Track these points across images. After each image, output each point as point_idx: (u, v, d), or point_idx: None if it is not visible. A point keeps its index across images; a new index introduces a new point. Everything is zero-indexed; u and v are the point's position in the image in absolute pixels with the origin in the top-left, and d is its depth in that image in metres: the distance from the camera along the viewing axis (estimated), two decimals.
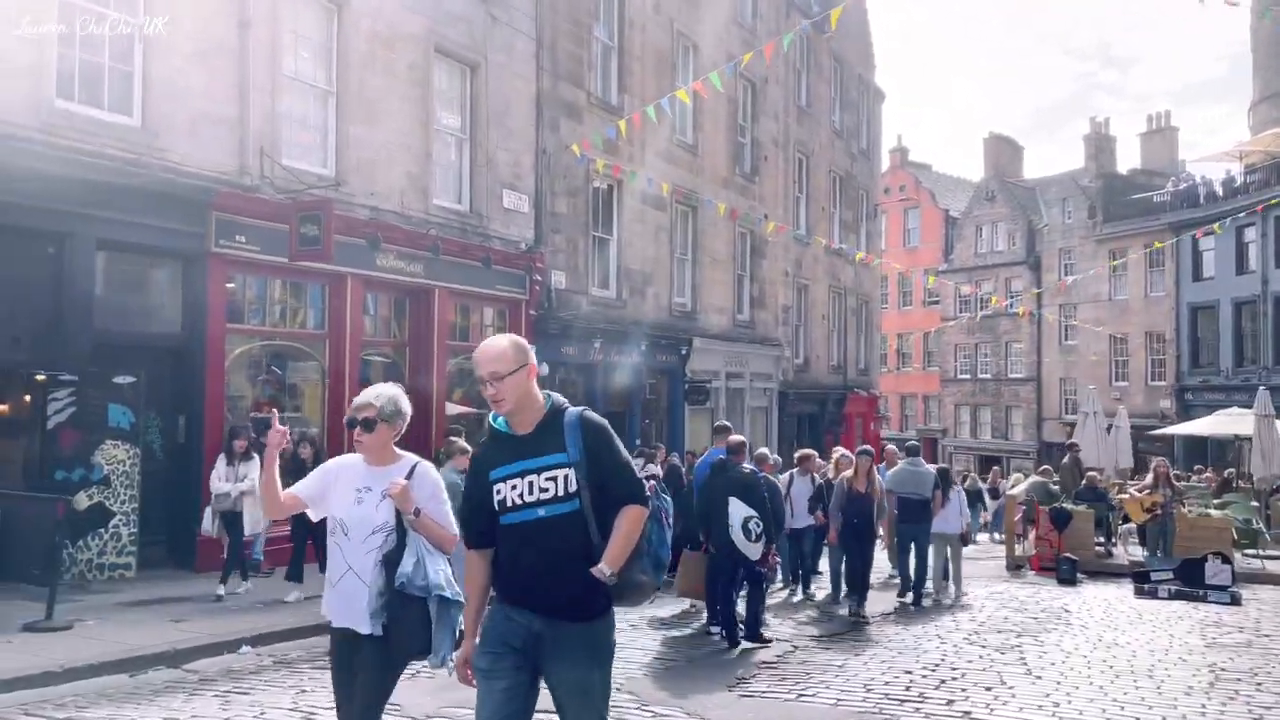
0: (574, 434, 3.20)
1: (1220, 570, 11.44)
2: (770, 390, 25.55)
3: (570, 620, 3.10)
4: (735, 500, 8.01)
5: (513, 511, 3.18)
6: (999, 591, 12.03)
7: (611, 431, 3.29)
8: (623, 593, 3.13)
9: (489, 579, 3.27)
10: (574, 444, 3.18)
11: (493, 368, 3.24)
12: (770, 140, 25.50)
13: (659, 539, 3.29)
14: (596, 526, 3.11)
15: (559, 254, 17.10)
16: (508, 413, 3.26)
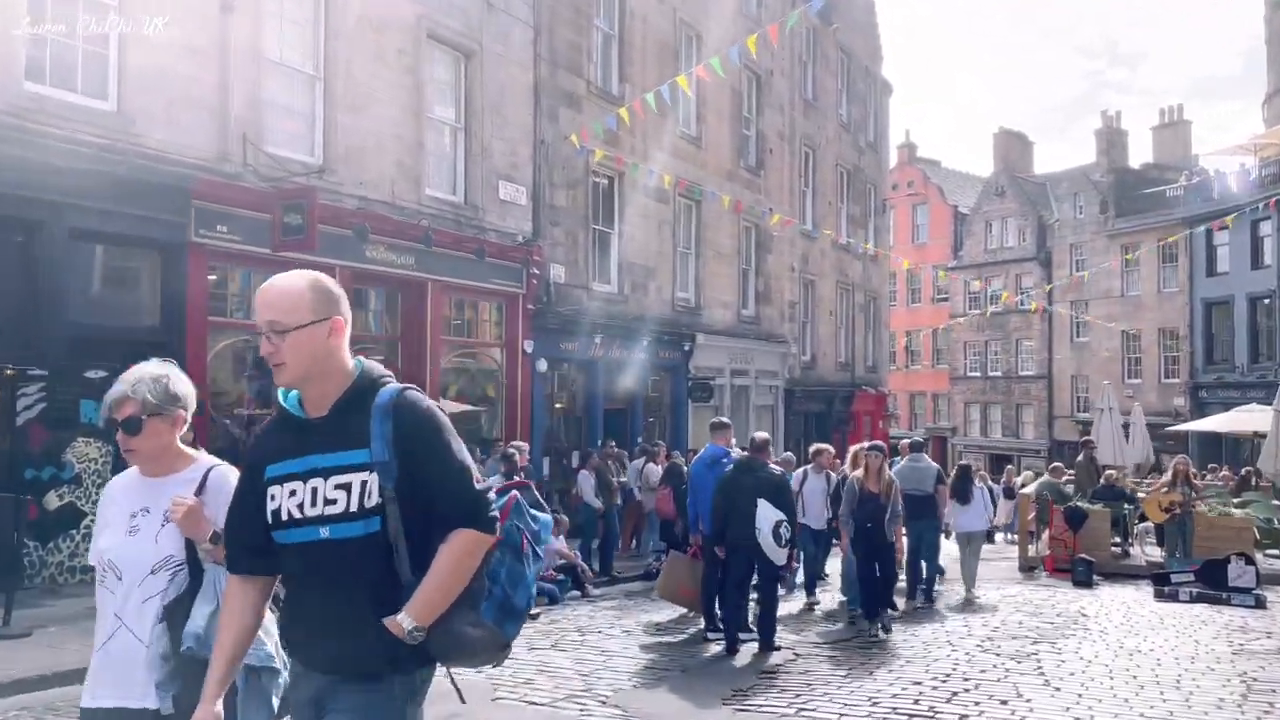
0: (383, 422, 2.24)
1: (1244, 572, 10.94)
2: (776, 388, 25.08)
3: (353, 684, 2.24)
4: (765, 503, 7.62)
5: (290, 528, 2.28)
6: (1012, 594, 11.55)
7: (442, 420, 2.34)
8: (446, 651, 2.26)
9: (253, 619, 2.38)
10: (381, 437, 2.23)
11: (273, 315, 2.30)
12: (775, 133, 25.03)
13: (513, 577, 2.32)
14: (409, 557, 2.22)
15: (558, 247, 16.66)
16: (290, 383, 2.33)
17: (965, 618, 9.68)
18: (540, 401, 16.24)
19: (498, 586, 2.28)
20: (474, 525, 2.23)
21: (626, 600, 10.79)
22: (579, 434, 17.59)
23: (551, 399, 17.19)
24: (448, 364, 14.78)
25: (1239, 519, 13.00)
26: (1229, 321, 34.45)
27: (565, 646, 7.70)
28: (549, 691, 6.23)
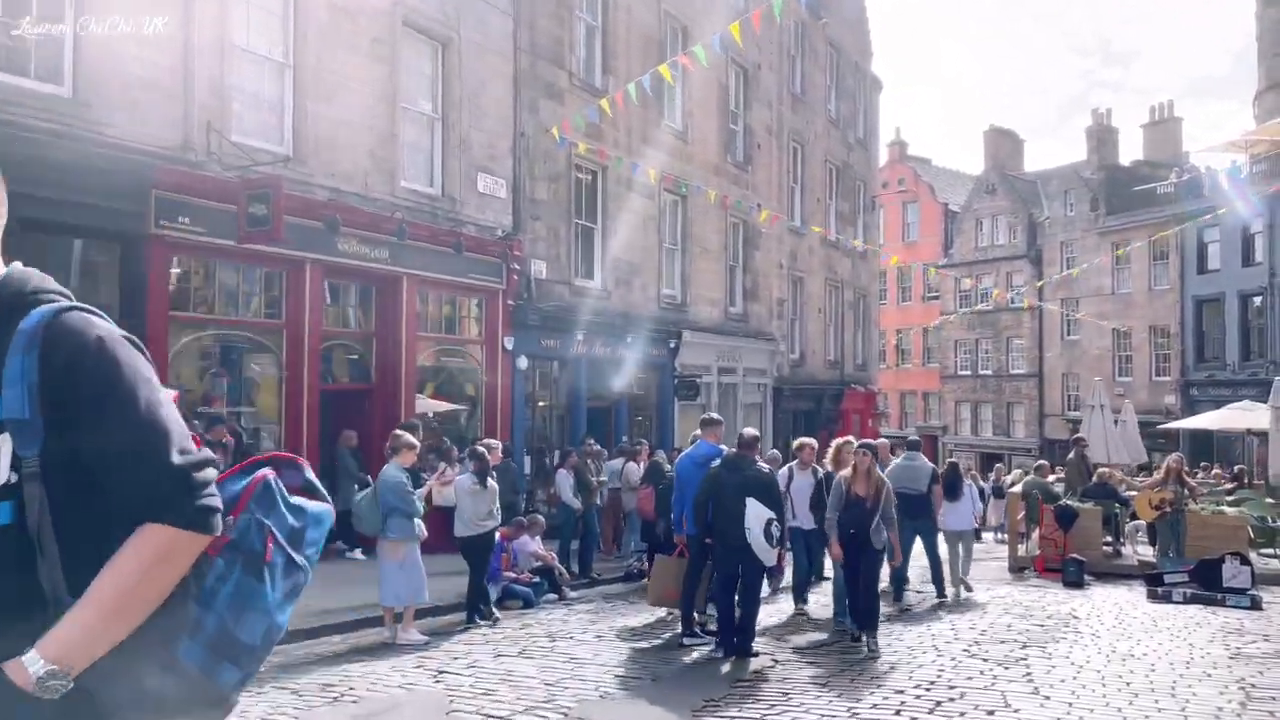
0: (25, 358, 1.47)
1: (1239, 572, 10.64)
2: (764, 385, 24.77)
3: None
4: (754, 502, 7.31)
5: None
6: (1001, 595, 11.24)
7: (121, 358, 1.54)
8: (119, 709, 1.47)
9: None
10: (21, 380, 1.47)
11: None
12: (763, 128, 24.71)
13: (241, 598, 1.57)
14: (61, 564, 1.47)
15: (539, 242, 16.31)
16: None
17: (952, 620, 9.35)
18: (521, 399, 15.89)
19: (211, 613, 1.53)
20: (170, 518, 1.47)
21: (604, 604, 10.44)
22: (562, 432, 17.24)
23: (533, 397, 16.84)
24: (425, 361, 14.43)
25: (1233, 518, 12.71)
26: (1220, 319, 34.27)
27: (534, 654, 7.36)
28: (509, 704, 5.88)
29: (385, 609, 7.86)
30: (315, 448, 12.11)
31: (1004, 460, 36.99)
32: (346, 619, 8.55)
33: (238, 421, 11.72)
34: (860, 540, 7.86)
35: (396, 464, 7.79)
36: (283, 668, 6.82)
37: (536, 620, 9.11)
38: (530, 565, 10.73)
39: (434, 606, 8.93)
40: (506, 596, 10.12)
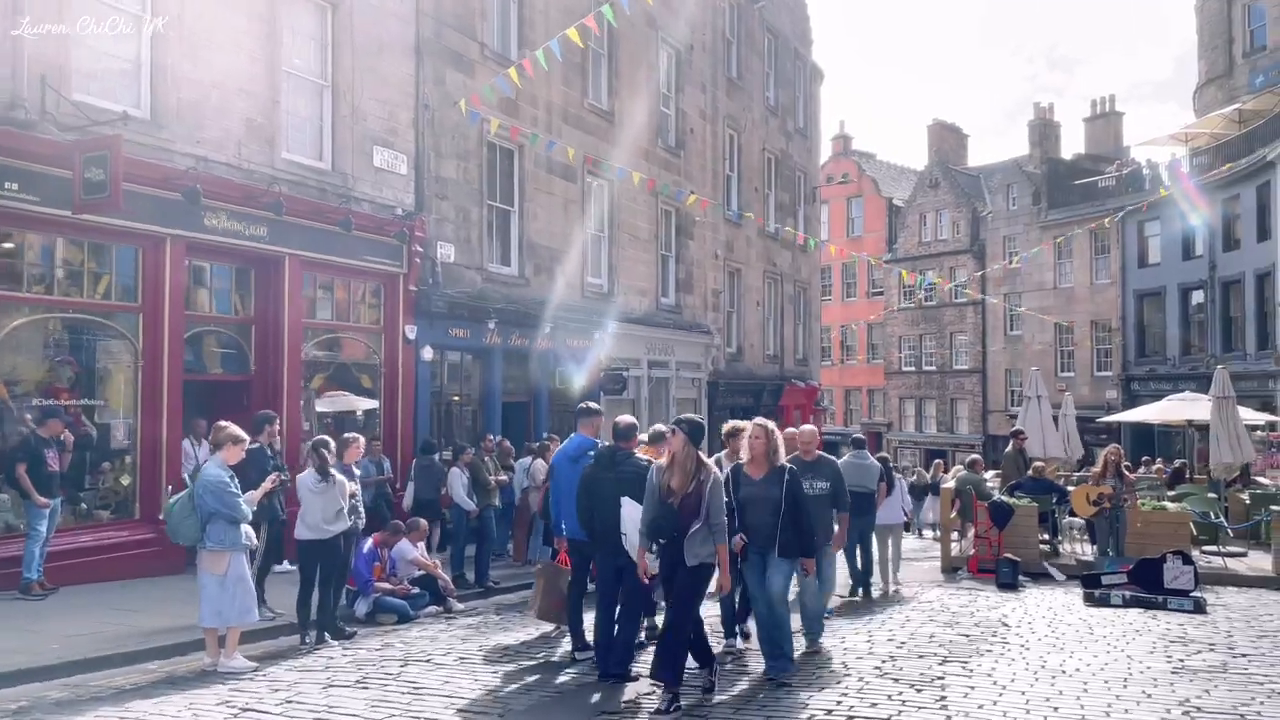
0: None
1: (1181, 572, 9.88)
2: (699, 380, 23.84)
3: None
4: (631, 502, 6.32)
5: None
6: (929, 600, 10.36)
7: None
8: None
9: None
10: None
11: None
12: (697, 112, 23.79)
13: None
14: None
15: (446, 223, 15.18)
16: None
17: (870, 630, 8.43)
18: (426, 393, 14.75)
19: None
20: None
21: (494, 617, 9.38)
22: (475, 429, 16.10)
23: (443, 391, 15.70)
24: (315, 351, 13.23)
25: (1175, 514, 12.00)
26: (1161, 313, 34.12)
27: (372, 683, 6.27)
28: None
29: (206, 631, 6.70)
30: (176, 444, 10.89)
31: (946, 457, 36.47)
32: (175, 641, 7.39)
33: (90, 416, 10.46)
34: (673, 554, 5.88)
35: (219, 460, 6.65)
36: (60, 704, 5.66)
37: (402, 639, 8.01)
38: (411, 574, 9.63)
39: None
40: (379, 610, 9.02)
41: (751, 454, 6.64)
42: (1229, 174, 29.83)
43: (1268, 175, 27.75)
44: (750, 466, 6.63)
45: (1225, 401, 14.04)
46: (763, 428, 6.62)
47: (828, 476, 7.70)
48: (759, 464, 6.57)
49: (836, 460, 8.37)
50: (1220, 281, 30.83)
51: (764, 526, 6.43)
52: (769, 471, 6.51)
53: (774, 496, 6.41)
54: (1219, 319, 30.85)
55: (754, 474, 6.55)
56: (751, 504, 6.49)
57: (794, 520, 6.43)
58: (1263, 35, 33.28)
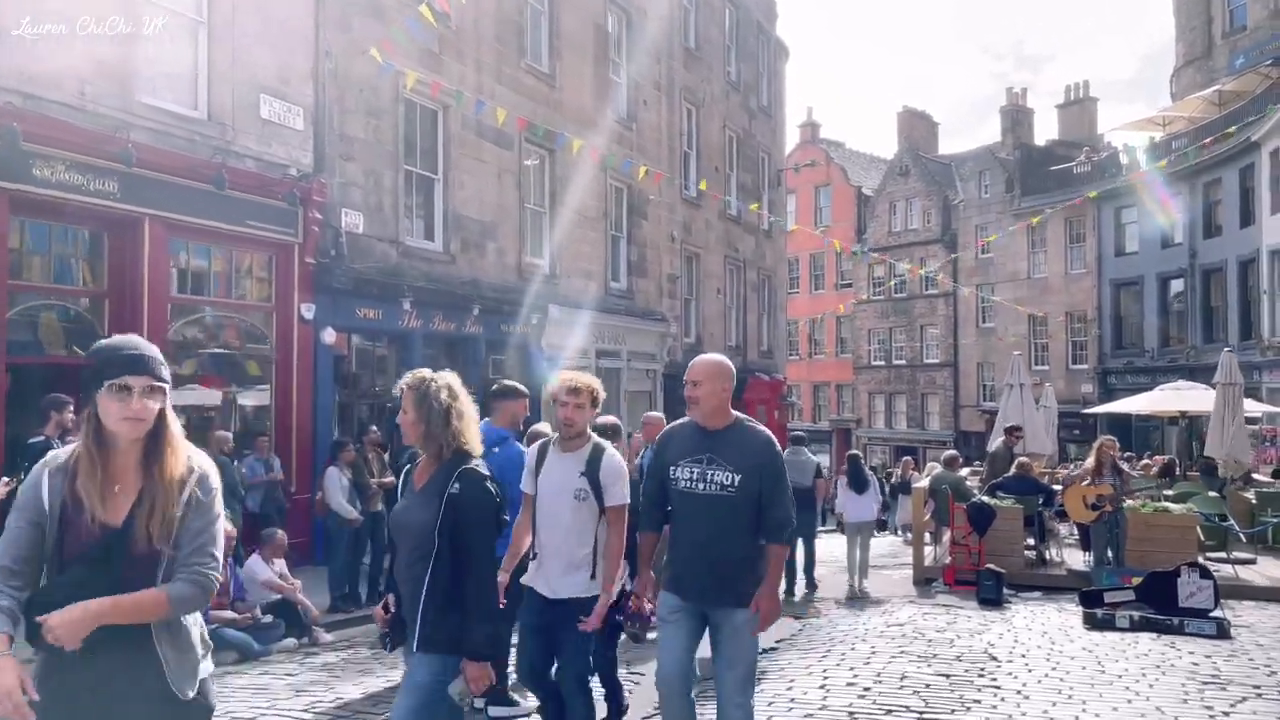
0: None
1: (1199, 587, 8.27)
2: (654, 372, 22.10)
3: None
4: None
5: None
6: (900, 623, 8.69)
7: None
8: None
9: None
10: None
11: None
12: (651, 83, 22.03)
13: None
14: None
15: (353, 188, 13.33)
16: None
17: (826, 669, 6.73)
18: (328, 381, 12.89)
19: None
20: None
21: (365, 651, 7.58)
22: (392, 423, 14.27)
23: (350, 379, 13.86)
24: (185, 331, 11.34)
25: (1181, 516, 10.42)
26: (1138, 304, 32.84)
27: None
28: None
29: None
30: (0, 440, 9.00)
31: (918, 454, 35.05)
32: None
33: None
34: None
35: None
36: None
37: (230, 685, 6.20)
38: (265, 599, 7.81)
39: None
40: (217, 646, 7.17)
41: None
42: (1210, 158, 28.59)
43: (1251, 157, 26.47)
44: None
45: (1231, 389, 12.51)
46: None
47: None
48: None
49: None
50: (1201, 270, 29.56)
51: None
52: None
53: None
54: (1200, 309, 29.59)
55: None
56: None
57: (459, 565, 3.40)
58: (1243, 15, 32.09)
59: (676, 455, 4.01)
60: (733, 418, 4.04)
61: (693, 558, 3.95)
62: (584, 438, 4.45)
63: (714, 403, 3.97)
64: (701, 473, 3.89)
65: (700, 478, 3.89)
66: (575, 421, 4.37)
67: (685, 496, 3.94)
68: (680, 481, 3.94)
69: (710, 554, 3.90)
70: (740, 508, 3.87)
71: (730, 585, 3.86)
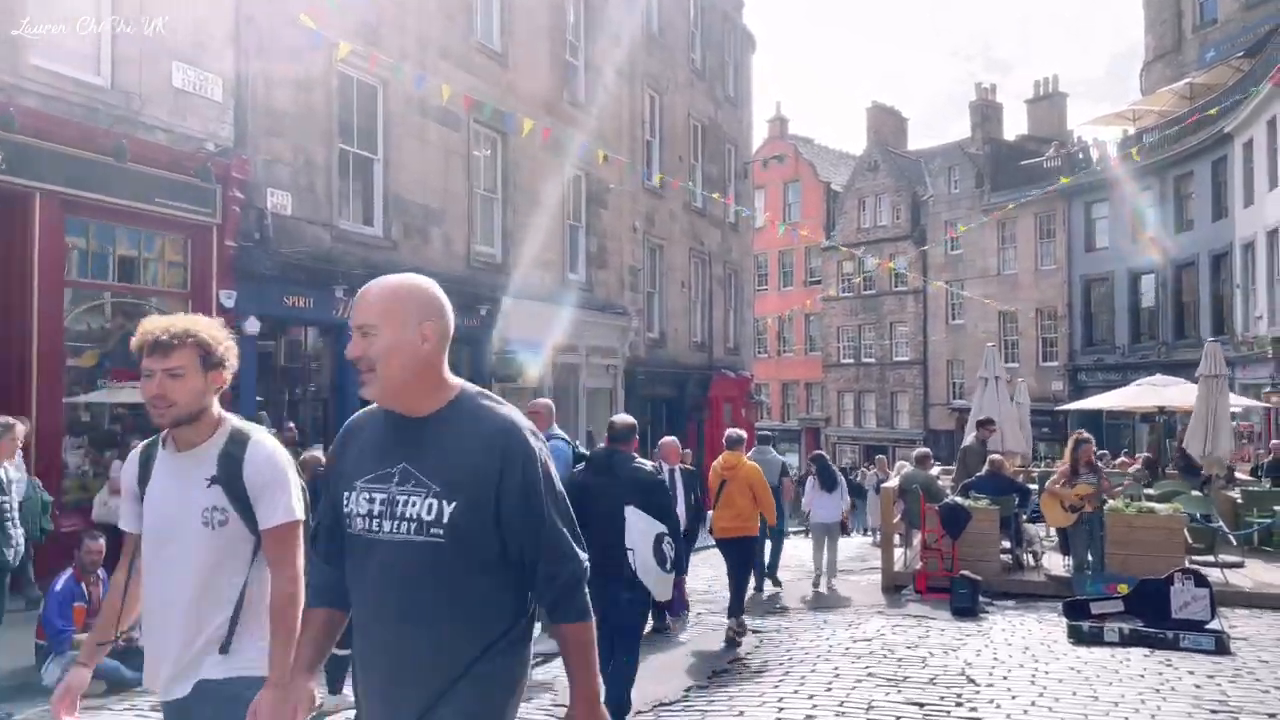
0: None
1: (1194, 597, 7.51)
2: (615, 368, 21.24)
3: None
4: (637, 511, 5.27)
5: None
6: (867, 637, 7.86)
7: None
8: None
9: None
10: None
11: None
12: (611, 67, 21.13)
13: None
14: None
15: (279, 166, 12.32)
16: None
17: (783, 695, 5.89)
18: (251, 376, 11.86)
19: None
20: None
21: None
22: (327, 421, 13.30)
23: (278, 373, 12.85)
24: (90, 320, 10.31)
25: (1167, 517, 9.69)
26: (1109, 299, 32.41)
27: None
28: None
29: None
30: None
31: (888, 453, 34.43)
32: None
33: None
34: None
35: None
36: None
37: None
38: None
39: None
40: None
41: None
42: (1181, 151, 28.18)
43: (1224, 150, 26.05)
44: None
45: (1215, 381, 11.83)
46: None
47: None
48: None
49: None
50: (1173, 264, 29.13)
51: None
52: None
53: None
54: (1171, 305, 29.17)
55: None
56: None
57: None
58: (1213, 8, 31.76)
59: (353, 471, 2.21)
60: (451, 390, 2.20)
61: (373, 663, 2.16)
62: (207, 424, 2.63)
63: (402, 364, 2.11)
64: (388, 500, 2.12)
65: (386, 511, 2.11)
66: (174, 400, 2.55)
67: (361, 546, 2.16)
68: (355, 520, 2.16)
69: (401, 659, 2.10)
70: (455, 563, 2.08)
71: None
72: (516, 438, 2.13)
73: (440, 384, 2.18)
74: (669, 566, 5.17)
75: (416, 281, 2.23)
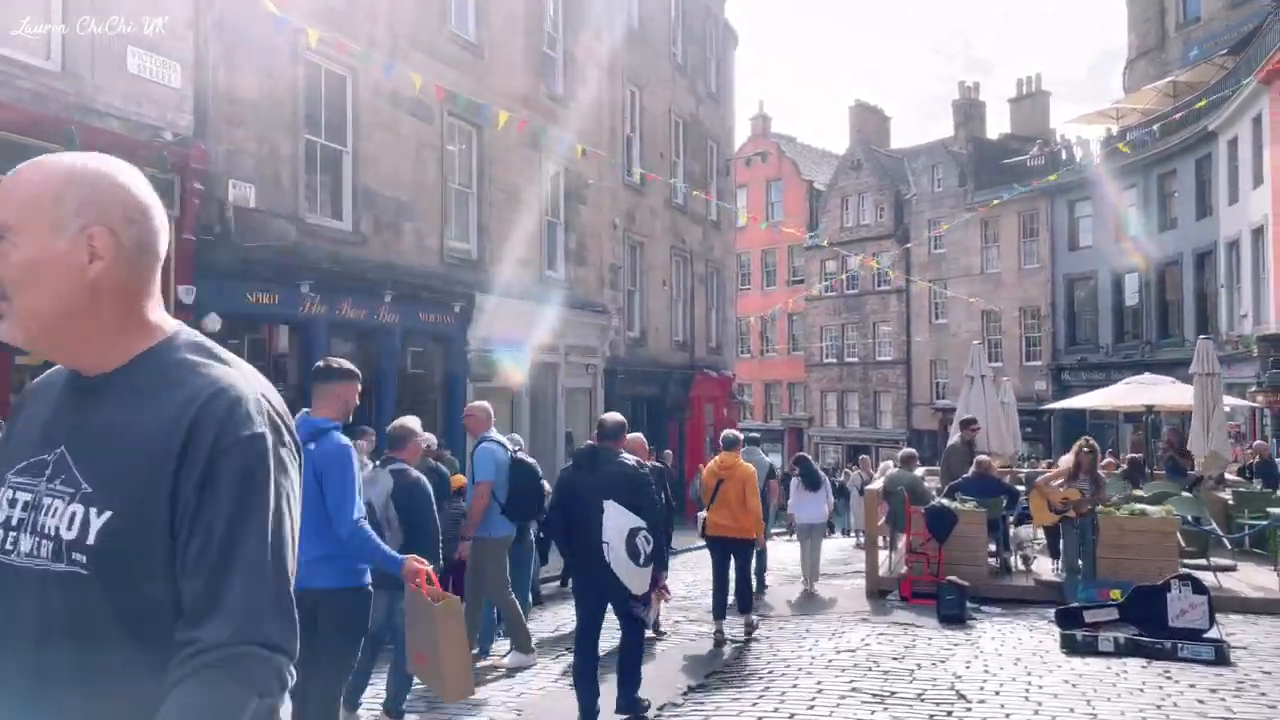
0: None
1: (1191, 604, 7.19)
2: (594, 367, 20.84)
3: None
4: (615, 505, 5.33)
5: None
6: (851, 648, 7.50)
7: None
8: None
9: None
10: None
11: None
12: (591, 60, 20.73)
13: None
14: None
15: (243, 157, 11.86)
16: None
17: (761, 714, 5.53)
18: None
19: None
20: None
21: None
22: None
23: None
24: None
25: (1160, 520, 9.38)
26: (1093, 299, 32.26)
27: None
28: None
29: None
30: None
31: (870, 453, 34.19)
32: None
33: None
34: None
35: None
36: None
37: None
38: None
39: None
40: None
41: None
42: (1165, 149, 28.05)
43: (1208, 148, 25.92)
44: None
45: (1210, 380, 11.55)
46: None
47: None
48: None
49: None
50: (1156, 264, 28.99)
51: None
52: None
53: None
54: (1155, 303, 29.02)
55: None
56: None
57: None
58: (1197, 6, 31.66)
59: (10, 457, 1.46)
60: (148, 337, 1.46)
61: None
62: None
63: (52, 292, 1.37)
64: (34, 503, 1.38)
65: (28, 521, 1.38)
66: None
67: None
68: None
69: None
70: (100, 610, 1.31)
71: None
72: (217, 407, 1.34)
73: (127, 327, 1.42)
74: (642, 561, 5.19)
75: (86, 162, 1.45)
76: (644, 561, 5.18)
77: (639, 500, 5.36)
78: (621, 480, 5.39)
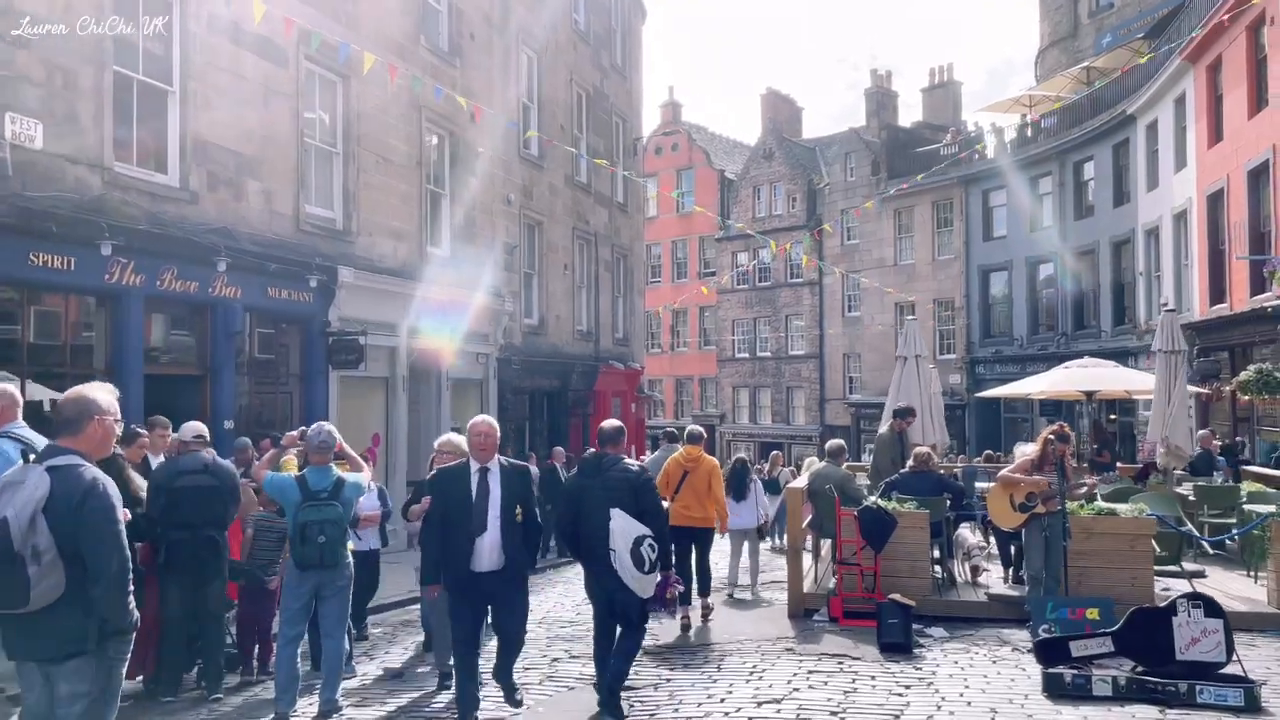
0: None
1: (1205, 631, 5.62)
2: (486, 356, 18.80)
3: None
4: (621, 514, 5.52)
5: None
6: (775, 697, 5.73)
7: None
8: None
9: None
10: None
11: None
12: (480, 16, 18.70)
13: None
14: None
15: (25, 87, 9.52)
16: None
17: None
18: None
19: None
20: None
21: None
22: None
23: (23, 351, 10.01)
24: None
25: (1133, 520, 7.89)
26: (1007, 290, 31.52)
27: None
28: None
29: None
30: None
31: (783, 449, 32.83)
32: None
33: None
34: None
35: None
36: None
37: None
38: None
39: None
40: None
41: None
42: (1079, 136, 27.36)
43: (1126, 132, 25.21)
44: None
45: (1174, 358, 10.18)
46: None
47: None
48: None
49: None
50: (1072, 252, 28.29)
51: None
52: None
53: None
54: (1070, 294, 28.31)
55: None
56: None
57: None
58: None
59: None
60: None
61: None
62: None
63: None
64: None
65: None
66: None
67: None
68: None
69: None
70: None
71: None
72: None
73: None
74: (647, 568, 5.46)
75: None
76: (648, 569, 5.46)
77: (643, 504, 5.65)
78: (628, 485, 5.71)
